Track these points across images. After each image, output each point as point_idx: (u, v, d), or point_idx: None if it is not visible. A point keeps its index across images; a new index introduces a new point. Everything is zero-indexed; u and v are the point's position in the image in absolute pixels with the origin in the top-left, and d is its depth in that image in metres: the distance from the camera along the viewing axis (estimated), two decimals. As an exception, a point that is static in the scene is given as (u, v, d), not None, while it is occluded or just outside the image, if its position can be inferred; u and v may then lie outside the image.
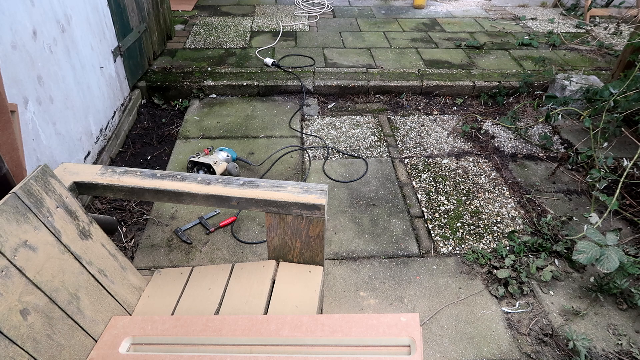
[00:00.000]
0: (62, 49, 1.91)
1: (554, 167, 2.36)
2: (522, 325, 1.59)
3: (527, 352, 1.50)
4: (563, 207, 2.12)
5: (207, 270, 1.23)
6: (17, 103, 1.50)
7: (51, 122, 1.79)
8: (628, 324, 1.60)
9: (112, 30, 2.48)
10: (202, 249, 1.85)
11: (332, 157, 2.45)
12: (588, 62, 3.42)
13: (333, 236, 1.94)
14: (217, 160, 2.18)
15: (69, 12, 1.98)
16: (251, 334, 0.94)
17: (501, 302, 1.67)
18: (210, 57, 3.34)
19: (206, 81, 2.98)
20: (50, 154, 1.77)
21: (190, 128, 2.66)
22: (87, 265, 1.02)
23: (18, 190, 0.89)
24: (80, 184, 1.12)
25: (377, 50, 3.56)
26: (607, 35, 3.94)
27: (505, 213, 2.08)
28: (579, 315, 1.62)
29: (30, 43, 1.65)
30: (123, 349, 0.97)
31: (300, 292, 1.13)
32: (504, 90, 3.03)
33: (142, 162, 2.39)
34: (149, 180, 1.13)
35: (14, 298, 0.83)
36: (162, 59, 3.26)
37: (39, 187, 0.94)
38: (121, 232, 1.92)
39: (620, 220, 2.05)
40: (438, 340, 1.54)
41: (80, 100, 2.07)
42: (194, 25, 3.96)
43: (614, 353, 1.50)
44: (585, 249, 1.59)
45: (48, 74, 1.77)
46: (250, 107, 2.89)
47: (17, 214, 0.87)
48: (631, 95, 2.17)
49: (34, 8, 1.68)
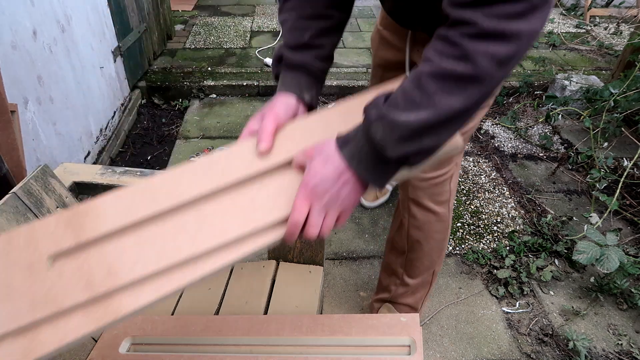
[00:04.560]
0: (62, 49, 1.91)
1: (554, 167, 2.36)
2: (522, 326, 1.59)
3: (527, 352, 1.50)
4: (563, 207, 2.12)
5: (207, 270, 1.23)
6: (17, 103, 1.50)
7: (51, 122, 1.79)
8: (628, 324, 1.60)
9: (112, 30, 2.48)
10: (202, 249, 1.85)
11: (332, 157, 2.45)
12: (588, 62, 3.42)
13: (333, 236, 1.94)
14: (217, 160, 2.17)
15: (69, 12, 1.98)
16: (251, 334, 0.94)
17: (501, 302, 1.67)
18: (210, 57, 3.34)
19: (206, 81, 2.98)
20: (50, 154, 1.77)
21: (190, 128, 2.66)
22: (87, 265, 1.02)
23: (18, 190, 0.89)
24: (80, 184, 1.11)
25: (377, 50, 3.56)
26: (607, 35, 3.94)
27: (505, 213, 2.08)
28: (579, 315, 1.62)
29: (30, 43, 1.65)
30: (123, 349, 0.97)
31: (300, 292, 1.13)
32: (504, 90, 3.03)
33: (142, 162, 2.39)
34: (149, 180, 1.13)
35: (14, 298, 0.83)
36: (162, 59, 3.26)
37: (39, 187, 0.94)
38: (121, 232, 1.92)
39: (620, 220, 2.05)
40: (438, 340, 1.54)
41: (80, 100, 2.07)
42: (194, 25, 3.96)
43: (614, 353, 1.50)
44: (585, 249, 1.59)
45: (48, 74, 1.77)
46: (250, 107, 2.89)
47: (17, 214, 0.87)
48: (631, 95, 2.17)
49: (34, 8, 1.68)
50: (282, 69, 0.78)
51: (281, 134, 0.69)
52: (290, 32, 0.77)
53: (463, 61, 0.53)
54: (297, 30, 0.77)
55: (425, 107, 0.55)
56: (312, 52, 0.77)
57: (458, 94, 0.54)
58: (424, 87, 0.55)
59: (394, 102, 0.58)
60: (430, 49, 0.57)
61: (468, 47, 0.53)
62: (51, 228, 0.62)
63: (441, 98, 0.54)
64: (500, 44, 0.52)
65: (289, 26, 0.78)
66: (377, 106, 0.59)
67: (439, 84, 0.54)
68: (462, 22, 0.53)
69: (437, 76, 0.55)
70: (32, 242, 0.61)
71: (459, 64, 0.53)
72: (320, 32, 0.77)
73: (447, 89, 0.54)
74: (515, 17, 0.51)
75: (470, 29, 0.52)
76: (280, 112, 0.71)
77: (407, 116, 0.55)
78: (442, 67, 0.54)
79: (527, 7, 0.51)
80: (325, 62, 0.79)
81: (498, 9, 0.51)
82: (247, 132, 0.71)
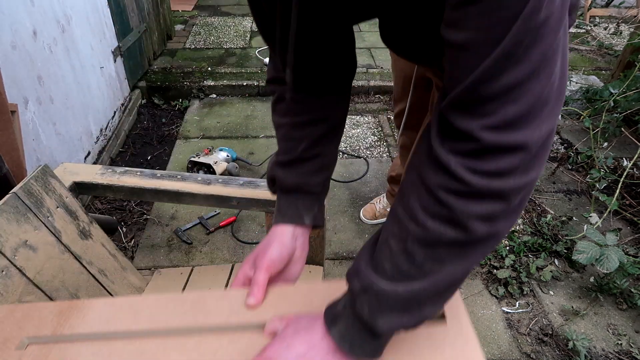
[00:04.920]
0: (62, 49, 1.91)
1: (554, 167, 2.36)
2: (522, 325, 1.59)
3: (527, 352, 1.50)
4: (563, 207, 2.12)
5: (207, 270, 1.23)
6: (18, 103, 1.50)
7: (51, 122, 1.79)
8: (628, 324, 1.60)
9: (112, 30, 2.48)
10: (202, 249, 1.85)
11: (332, 157, 2.45)
12: (588, 62, 3.42)
13: (333, 236, 1.94)
14: (217, 160, 2.18)
15: (69, 12, 1.98)
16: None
17: (501, 302, 1.67)
18: (210, 57, 3.34)
19: (206, 81, 2.99)
20: (50, 154, 1.77)
21: (190, 128, 2.66)
22: (87, 265, 1.02)
23: (18, 190, 0.89)
24: (80, 184, 1.12)
25: (377, 50, 3.56)
26: (607, 35, 3.94)
27: (505, 213, 2.07)
28: (579, 315, 1.62)
29: (30, 43, 1.65)
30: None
31: (300, 292, 1.12)
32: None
33: (142, 162, 2.39)
34: (149, 180, 1.13)
35: (14, 298, 0.83)
36: (162, 59, 3.26)
37: (39, 187, 0.94)
38: (121, 232, 1.92)
39: (620, 220, 2.05)
40: (438, 340, 1.54)
41: (80, 100, 2.07)
42: (194, 25, 3.96)
43: (613, 353, 1.50)
44: (585, 249, 1.59)
45: (48, 74, 1.77)
46: (250, 107, 2.89)
47: (17, 214, 0.87)
48: (631, 95, 2.17)
49: (34, 8, 1.68)
50: (277, 192, 0.71)
51: (276, 291, 0.66)
52: (282, 142, 0.70)
53: (452, 226, 0.44)
54: (289, 141, 0.68)
55: (414, 278, 0.46)
56: (308, 165, 0.68)
57: (451, 262, 0.46)
58: (411, 253, 0.46)
59: (380, 266, 0.49)
60: (414, 196, 0.47)
61: (456, 208, 0.43)
62: (44, 312, 0.65)
63: (432, 267, 0.46)
64: (493, 203, 0.43)
65: (281, 134, 0.70)
66: (360, 274, 0.50)
67: (427, 250, 0.46)
68: (460, 138, 0.44)
69: (424, 242, 0.46)
70: (22, 319, 0.64)
71: (447, 229, 0.44)
72: (316, 141, 0.68)
73: (437, 256, 0.46)
74: (507, 174, 0.42)
75: (459, 186, 0.43)
76: (274, 258, 0.65)
77: (394, 287, 0.47)
78: (429, 230, 0.45)
79: (521, 162, 0.42)
80: (324, 171, 0.71)
81: (488, 164, 0.42)
82: (242, 277, 0.67)
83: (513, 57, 0.38)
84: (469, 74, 0.40)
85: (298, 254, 0.70)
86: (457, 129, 0.43)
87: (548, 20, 0.38)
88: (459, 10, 0.39)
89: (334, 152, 0.73)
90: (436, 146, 0.45)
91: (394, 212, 0.51)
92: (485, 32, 0.39)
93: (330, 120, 0.70)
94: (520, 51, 0.38)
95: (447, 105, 0.44)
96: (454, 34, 0.41)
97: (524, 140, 0.41)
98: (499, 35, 0.38)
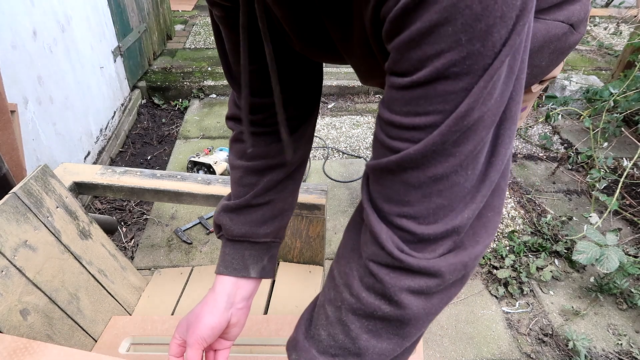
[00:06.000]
0: (62, 49, 1.91)
1: (554, 167, 2.36)
2: (522, 325, 1.59)
3: (527, 352, 1.50)
4: (563, 207, 2.12)
5: (207, 270, 1.23)
6: (17, 103, 1.50)
7: (51, 122, 1.79)
8: (628, 324, 1.60)
9: (112, 30, 2.48)
10: (202, 249, 1.85)
11: (332, 157, 2.45)
12: (588, 62, 3.42)
13: (333, 236, 1.94)
14: (217, 160, 2.18)
15: (69, 12, 1.98)
16: (251, 334, 0.94)
17: (501, 302, 1.67)
18: (210, 57, 3.34)
19: (206, 81, 2.99)
20: (50, 154, 1.77)
21: (190, 128, 2.66)
22: (87, 265, 1.02)
23: (18, 190, 0.89)
24: (80, 184, 1.12)
25: (377, 50, 3.56)
26: (607, 35, 3.94)
27: (505, 213, 2.08)
28: (579, 315, 1.62)
29: (30, 43, 1.65)
30: (123, 349, 0.97)
31: (300, 292, 1.13)
32: (504, 90, 3.03)
33: (142, 162, 2.39)
34: (149, 180, 1.13)
35: (14, 298, 0.83)
36: (162, 59, 3.26)
37: (39, 187, 0.94)
38: (121, 232, 1.92)
39: (620, 220, 2.05)
40: (438, 340, 1.54)
41: (80, 100, 2.07)
42: (194, 25, 3.96)
43: (613, 353, 1.50)
44: (585, 249, 1.59)
45: (48, 74, 1.77)
46: (250, 107, 2.89)
47: (17, 214, 0.87)
48: (631, 95, 2.17)
49: (34, 8, 1.68)
50: (222, 240, 0.66)
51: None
52: (234, 186, 0.65)
53: (385, 300, 0.41)
54: (241, 187, 0.63)
55: (350, 353, 0.44)
56: (258, 213, 0.63)
57: (388, 338, 0.43)
58: (346, 323, 0.43)
59: (317, 335, 0.46)
60: (351, 263, 0.44)
61: (387, 281, 0.40)
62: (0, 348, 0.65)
63: (367, 343, 0.43)
64: (426, 278, 0.40)
65: (234, 177, 0.65)
66: (297, 347, 0.48)
67: (363, 322, 0.43)
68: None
69: (358, 313, 0.43)
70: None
71: (382, 303, 0.41)
72: (269, 188, 0.63)
73: (372, 329, 0.43)
74: (438, 255, 0.40)
75: (389, 259, 0.40)
76: (205, 335, 0.59)
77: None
78: (363, 302, 0.42)
79: (453, 243, 0.40)
80: (277, 220, 0.65)
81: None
82: (175, 349, 0.62)
83: (444, 151, 0.37)
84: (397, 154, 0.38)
85: (235, 320, 0.64)
86: (380, 209, 0.41)
87: (482, 118, 0.36)
88: (399, 92, 0.37)
89: (291, 199, 0.67)
90: (369, 212, 0.42)
91: (331, 274, 0.48)
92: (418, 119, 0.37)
93: (288, 166, 0.64)
94: (449, 146, 0.36)
95: (373, 178, 0.42)
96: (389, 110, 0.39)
97: (447, 228, 0.39)
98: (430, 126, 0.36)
